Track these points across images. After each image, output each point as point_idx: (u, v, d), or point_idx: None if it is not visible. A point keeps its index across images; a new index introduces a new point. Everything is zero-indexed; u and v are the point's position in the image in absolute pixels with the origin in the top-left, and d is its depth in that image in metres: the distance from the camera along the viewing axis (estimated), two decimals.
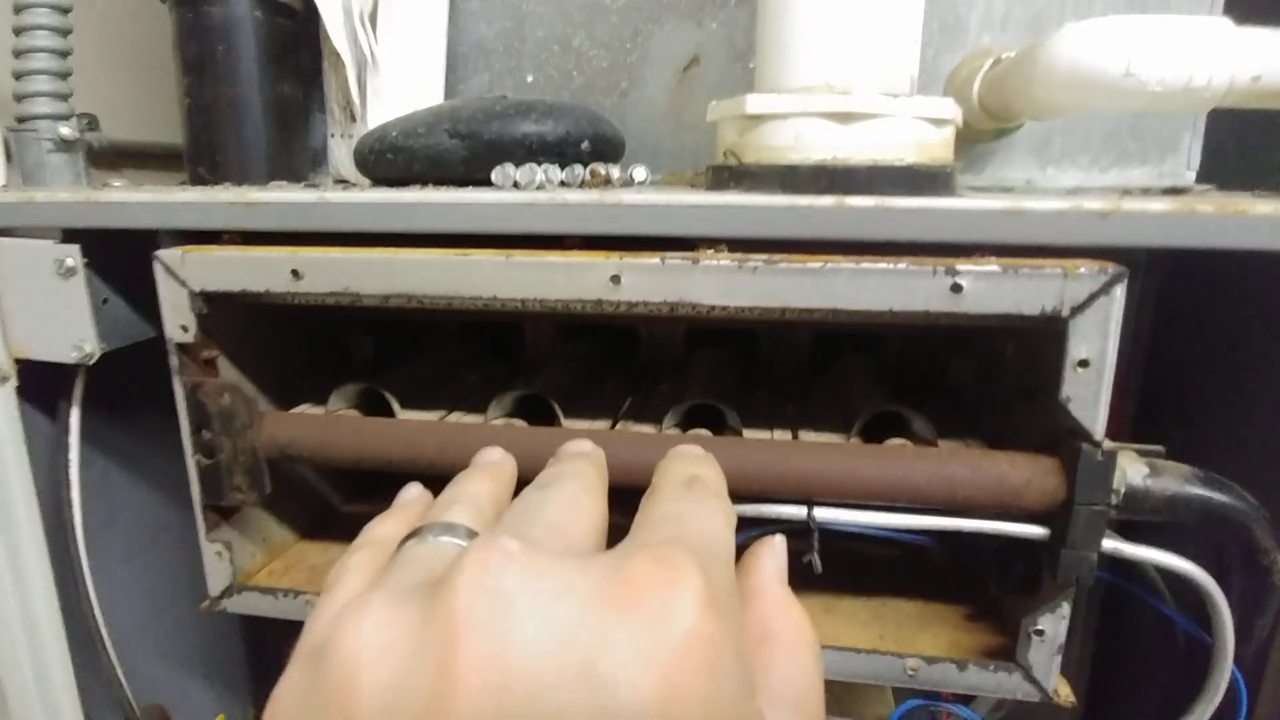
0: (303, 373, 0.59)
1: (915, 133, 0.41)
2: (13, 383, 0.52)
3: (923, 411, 0.49)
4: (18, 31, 0.51)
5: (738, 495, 0.45)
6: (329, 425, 0.49)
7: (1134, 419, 0.64)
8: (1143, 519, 0.40)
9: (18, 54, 0.51)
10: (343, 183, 0.70)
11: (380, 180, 0.54)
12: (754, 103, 0.41)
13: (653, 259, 0.40)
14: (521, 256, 0.42)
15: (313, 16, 0.68)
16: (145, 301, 0.51)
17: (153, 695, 0.71)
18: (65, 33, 0.52)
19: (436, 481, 0.37)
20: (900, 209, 0.38)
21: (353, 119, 0.66)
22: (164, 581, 0.69)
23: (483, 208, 0.42)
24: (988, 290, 0.38)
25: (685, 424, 0.52)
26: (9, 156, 0.52)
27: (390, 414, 0.53)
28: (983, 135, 0.61)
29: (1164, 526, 0.42)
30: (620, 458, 0.45)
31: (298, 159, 0.66)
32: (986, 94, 0.56)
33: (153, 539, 0.68)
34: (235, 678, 0.80)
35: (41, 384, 0.55)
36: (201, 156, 0.61)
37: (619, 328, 0.70)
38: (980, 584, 0.53)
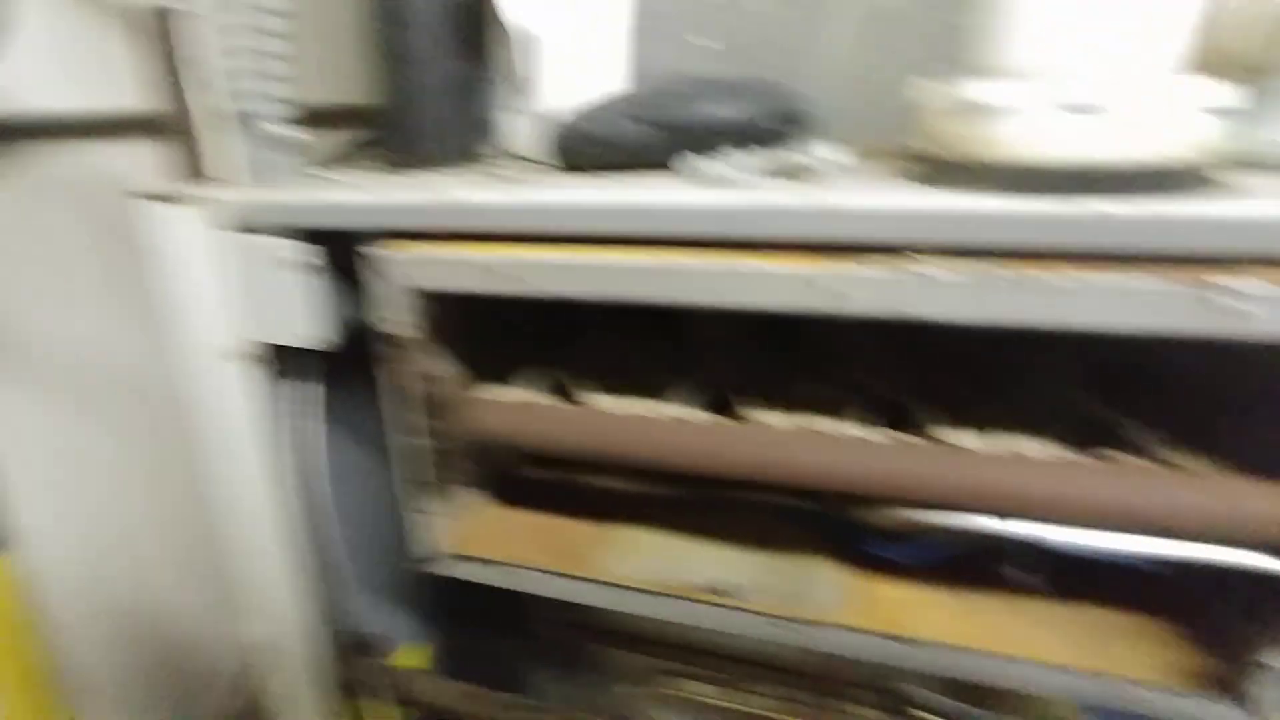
0: (480, 347, 0.62)
1: (1183, 125, 0.36)
2: (257, 362, 0.58)
3: (1142, 416, 0.45)
4: (239, 31, 0.54)
5: (934, 504, 0.44)
6: (530, 414, 0.51)
7: None
8: None
9: (240, 52, 0.55)
10: (517, 158, 0.71)
11: (570, 166, 0.54)
12: (979, 91, 0.38)
13: (876, 271, 0.38)
14: (732, 262, 0.41)
15: None
16: (364, 290, 0.56)
17: (368, 626, 0.80)
18: (285, 29, 0.55)
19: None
20: (1170, 220, 0.34)
21: (524, 92, 0.66)
22: (381, 531, 0.76)
23: (688, 212, 0.42)
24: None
25: (869, 416, 0.51)
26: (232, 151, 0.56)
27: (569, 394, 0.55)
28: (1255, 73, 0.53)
29: None
30: (815, 460, 0.44)
31: (473, 133, 0.68)
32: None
33: (375, 496, 0.75)
34: (429, 613, 0.88)
35: (284, 362, 0.60)
36: (392, 136, 0.64)
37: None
38: (1198, 602, 0.50)
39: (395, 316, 0.49)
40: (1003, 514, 0.42)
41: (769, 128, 0.53)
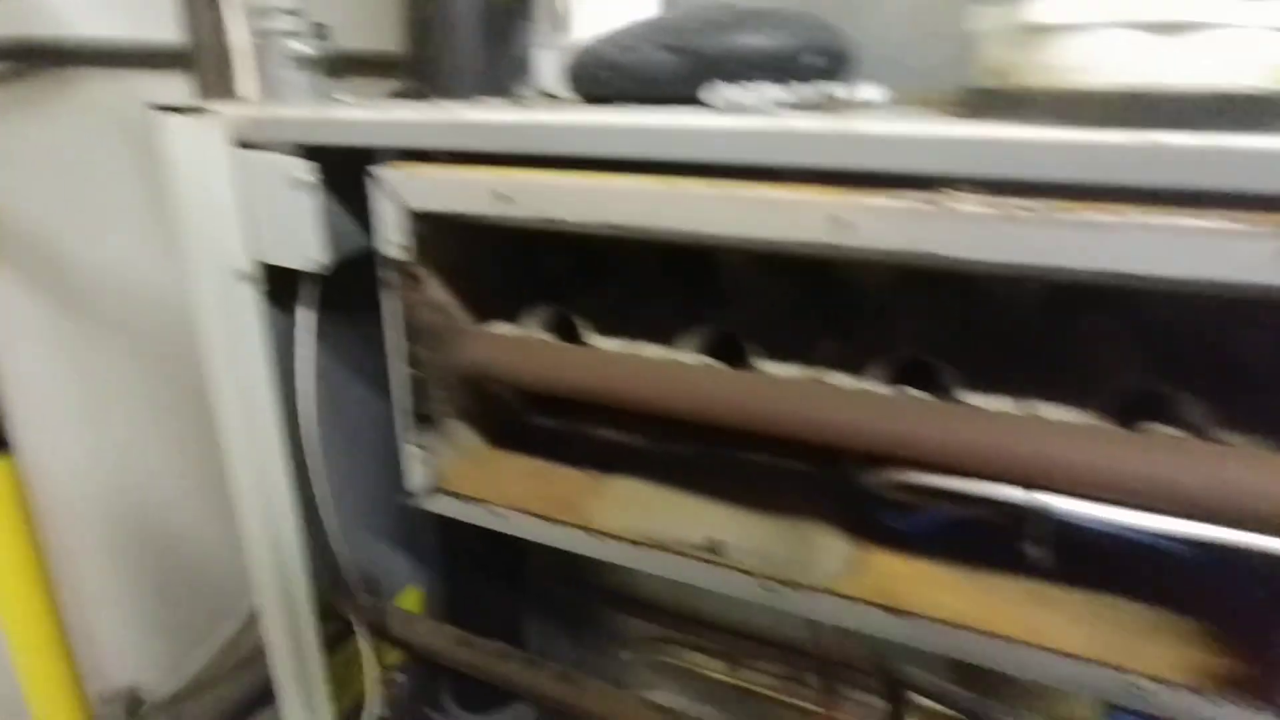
0: (497, 288, 0.60)
1: (1267, 48, 0.32)
2: (257, 283, 0.57)
3: (1199, 391, 0.41)
4: None
5: (950, 470, 0.41)
6: (528, 350, 0.49)
7: None
8: None
9: None
10: (548, 95, 0.69)
11: (590, 98, 0.51)
12: (1040, 10, 0.34)
13: (890, 201, 0.35)
14: (736, 190, 0.38)
15: None
16: (366, 215, 0.54)
17: (361, 565, 0.80)
18: None
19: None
20: (1239, 152, 0.30)
21: (558, 28, 0.64)
22: (379, 469, 0.76)
23: (699, 134, 0.38)
24: None
25: (894, 376, 0.47)
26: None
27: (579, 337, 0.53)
28: None
29: None
30: (823, 414, 0.41)
31: (505, 69, 0.65)
32: None
33: (372, 431, 0.74)
34: (429, 556, 0.88)
35: (282, 287, 0.59)
36: (418, 68, 0.62)
37: (828, 262, 0.65)
38: (1236, 598, 0.45)
39: (397, 240, 0.47)
40: (1022, 483, 0.38)
41: (809, 63, 0.49)
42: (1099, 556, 0.49)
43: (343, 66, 1.11)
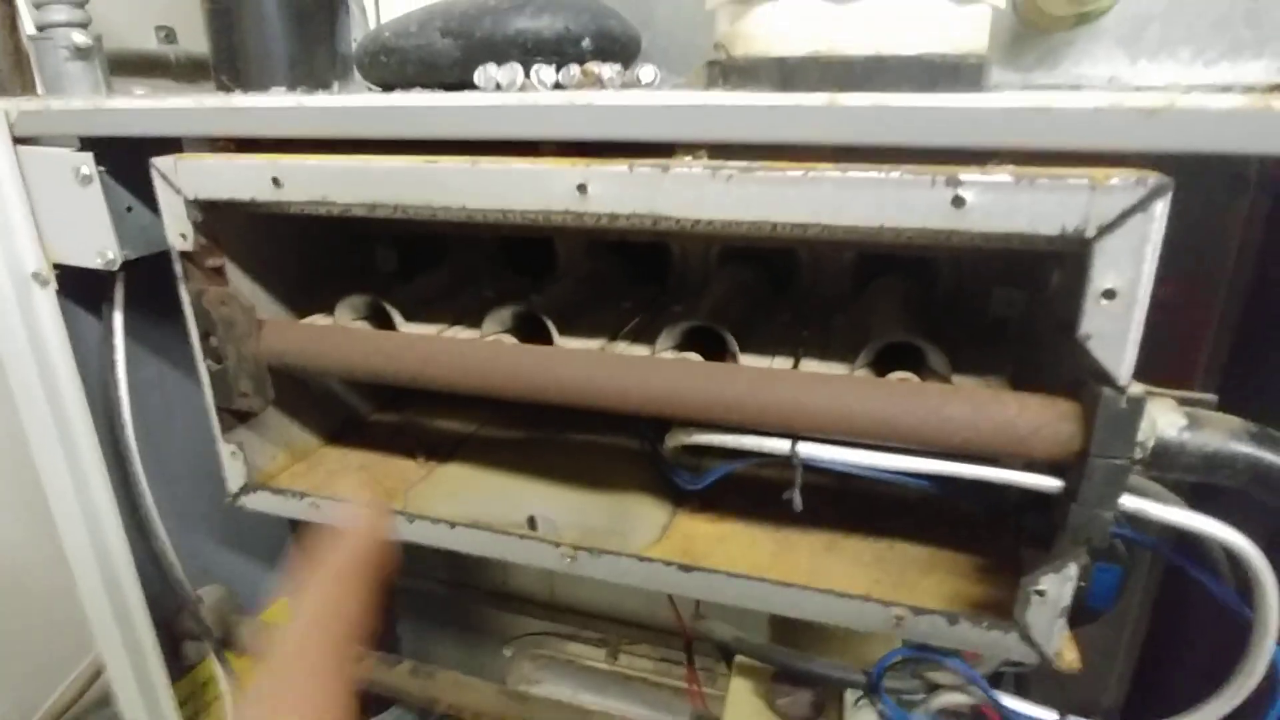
0: (326, 283, 0.59)
1: (934, 15, 0.35)
2: (53, 286, 0.55)
3: (958, 347, 0.44)
4: None
5: (718, 424, 0.43)
6: (323, 336, 0.49)
7: (1225, 369, 0.55)
8: (1175, 478, 0.35)
9: None
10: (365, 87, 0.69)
11: (377, 84, 0.52)
12: None
13: (620, 166, 0.37)
14: (486, 163, 0.39)
15: None
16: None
17: (218, 579, 0.77)
18: None
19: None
20: (899, 109, 0.33)
21: (364, 18, 0.64)
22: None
23: (446, 111, 0.40)
24: (996, 205, 0.32)
25: (690, 345, 0.50)
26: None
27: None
28: (1059, 23, 0.52)
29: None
30: (597, 379, 0.43)
31: (321, 64, 0.65)
32: None
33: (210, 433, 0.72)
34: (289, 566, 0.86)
35: (86, 288, 0.58)
36: (223, 63, 0.61)
37: (651, 245, 0.67)
38: (1002, 534, 0.49)
39: (180, 230, 0.47)
40: (783, 431, 0.41)
41: (592, 48, 0.51)
42: (889, 507, 0.52)
43: (196, 73, 1.08)
